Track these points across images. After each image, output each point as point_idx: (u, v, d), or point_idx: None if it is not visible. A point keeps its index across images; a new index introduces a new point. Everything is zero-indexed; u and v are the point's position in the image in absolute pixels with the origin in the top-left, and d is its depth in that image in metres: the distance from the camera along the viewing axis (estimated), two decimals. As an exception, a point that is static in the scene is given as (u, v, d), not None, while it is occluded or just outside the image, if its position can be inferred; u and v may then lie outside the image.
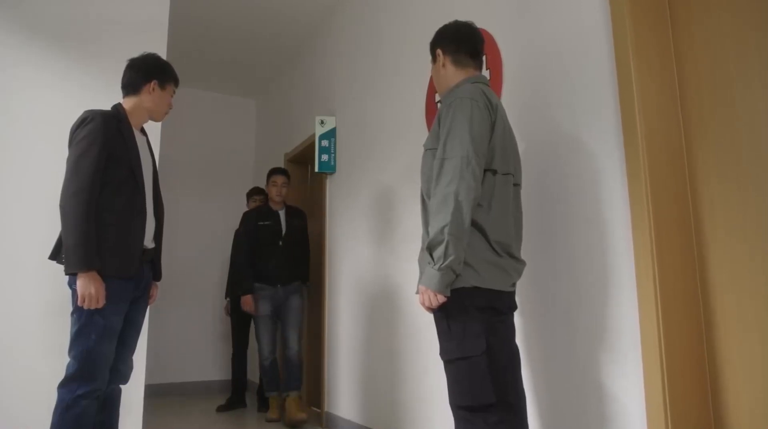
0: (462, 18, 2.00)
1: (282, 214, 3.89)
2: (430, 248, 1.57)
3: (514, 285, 1.76)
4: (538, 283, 2.01)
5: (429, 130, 2.76)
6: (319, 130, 3.77)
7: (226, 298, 4.42)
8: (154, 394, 4.25)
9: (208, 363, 4.98)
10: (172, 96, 2.25)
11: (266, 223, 3.84)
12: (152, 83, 2.16)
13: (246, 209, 4.44)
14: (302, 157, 4.60)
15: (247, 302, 3.74)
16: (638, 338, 1.65)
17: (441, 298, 1.57)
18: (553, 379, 1.92)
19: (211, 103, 5.48)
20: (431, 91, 2.78)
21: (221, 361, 4.99)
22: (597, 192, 1.83)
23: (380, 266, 3.13)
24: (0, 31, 2.61)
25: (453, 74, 1.83)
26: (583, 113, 1.90)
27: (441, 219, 1.55)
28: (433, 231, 1.56)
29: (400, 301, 2.90)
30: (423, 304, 1.61)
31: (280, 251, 3.79)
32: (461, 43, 1.84)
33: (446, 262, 1.54)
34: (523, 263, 1.76)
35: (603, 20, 1.85)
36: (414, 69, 2.95)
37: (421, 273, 1.74)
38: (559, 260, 1.94)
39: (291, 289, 3.83)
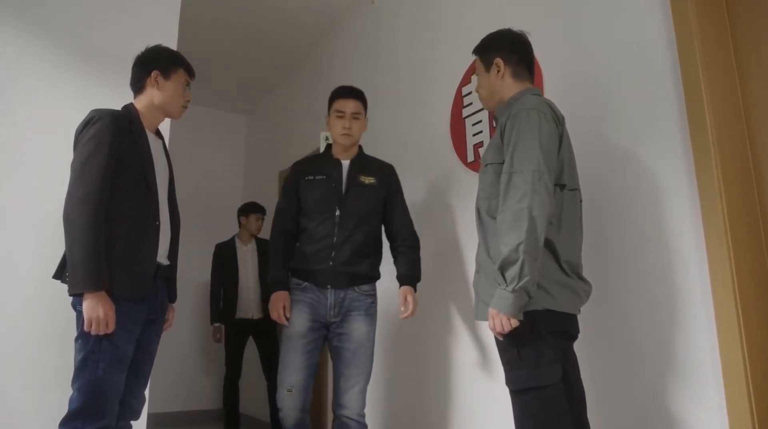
0: (495, 27, 1.85)
1: (346, 165, 2.32)
2: (502, 268, 1.43)
3: (580, 309, 1.62)
4: (593, 306, 1.87)
5: (455, 147, 2.65)
6: (324, 147, 3.61)
7: (212, 323, 3.94)
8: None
9: (191, 391, 4.65)
10: (185, 86, 2.00)
11: (318, 177, 2.27)
12: (153, 74, 1.93)
13: (236, 232, 4.06)
14: (298, 175, 4.42)
15: (278, 303, 2.17)
16: (718, 363, 1.53)
17: (514, 323, 1.43)
18: (619, 412, 1.78)
19: (199, 118, 5.25)
20: (457, 106, 2.67)
21: (207, 389, 4.69)
22: (661, 210, 1.73)
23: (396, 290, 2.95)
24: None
25: (510, 86, 1.71)
26: (642, 128, 1.81)
27: (515, 237, 1.41)
28: (506, 249, 1.42)
29: (422, 329, 2.72)
30: (494, 329, 1.45)
31: (336, 227, 2.20)
32: (522, 54, 1.72)
33: (521, 283, 1.40)
34: (590, 285, 1.63)
35: (664, 30, 1.77)
36: (437, 82, 2.84)
37: (479, 297, 1.60)
38: (618, 281, 1.82)
39: (352, 301, 2.19)
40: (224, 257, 3.92)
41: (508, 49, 1.71)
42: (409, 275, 2.27)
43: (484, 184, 1.65)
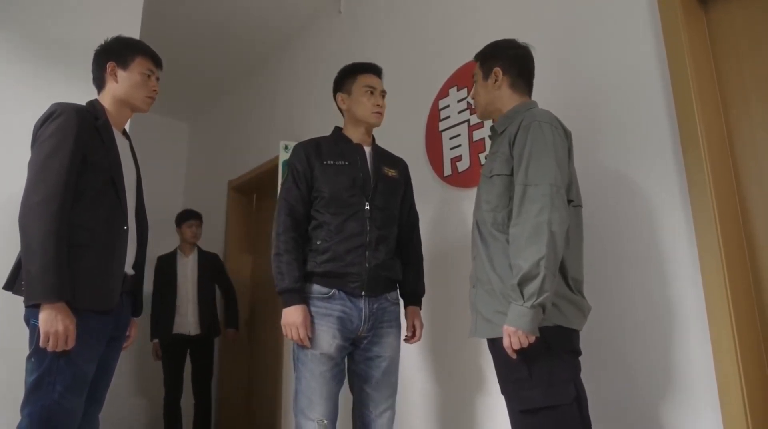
0: (474, 44, 1.84)
1: (368, 152, 2.01)
2: (521, 283, 1.38)
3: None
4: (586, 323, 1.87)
5: (430, 161, 2.60)
6: (284, 156, 3.46)
7: (152, 339, 3.70)
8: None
9: (123, 413, 4.25)
10: (150, 76, 1.82)
11: (339, 162, 1.93)
12: (110, 66, 1.78)
13: (178, 244, 3.89)
14: (249, 185, 4.23)
15: (299, 320, 1.73)
16: (714, 381, 1.56)
17: (531, 339, 1.38)
18: None
19: (136, 123, 4.92)
20: (433, 119, 2.64)
21: (138, 409, 4.31)
22: (655, 229, 1.76)
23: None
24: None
25: (508, 98, 1.69)
26: (635, 150, 1.85)
27: (535, 251, 1.37)
28: (526, 264, 1.37)
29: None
30: (511, 347, 1.39)
31: (368, 224, 1.87)
32: (524, 68, 1.71)
33: (540, 299, 1.36)
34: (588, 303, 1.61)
35: (656, 54, 1.82)
36: (409, 94, 2.80)
37: (480, 314, 1.55)
38: (611, 300, 1.83)
39: (383, 311, 1.89)
40: (164, 270, 3.75)
41: (509, 60, 1.68)
42: (418, 293, 2.06)
43: (489, 196, 1.60)
